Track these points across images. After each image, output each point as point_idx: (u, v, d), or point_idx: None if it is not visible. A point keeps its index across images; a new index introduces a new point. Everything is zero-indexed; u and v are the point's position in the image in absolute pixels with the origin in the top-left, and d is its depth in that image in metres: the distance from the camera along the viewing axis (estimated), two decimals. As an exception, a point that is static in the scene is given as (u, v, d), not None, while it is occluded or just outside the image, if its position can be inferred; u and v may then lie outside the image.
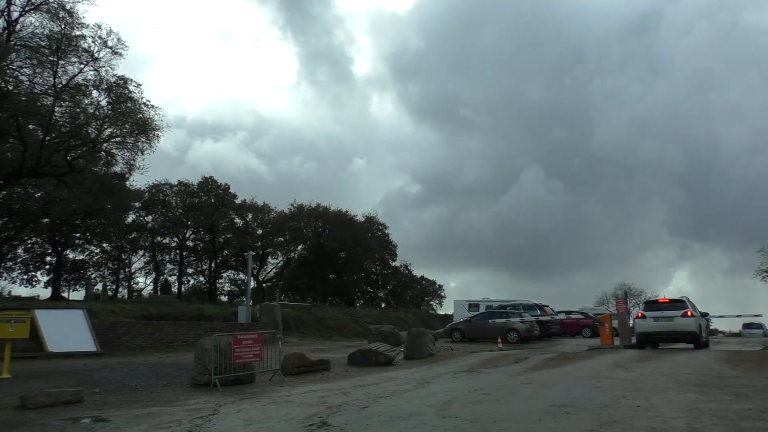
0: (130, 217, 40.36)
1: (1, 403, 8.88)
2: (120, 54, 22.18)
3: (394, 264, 54.63)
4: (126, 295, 40.53)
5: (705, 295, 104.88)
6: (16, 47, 20.76)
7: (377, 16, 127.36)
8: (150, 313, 22.03)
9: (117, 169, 27.42)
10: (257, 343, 11.66)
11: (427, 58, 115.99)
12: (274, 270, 49.67)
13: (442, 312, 50.83)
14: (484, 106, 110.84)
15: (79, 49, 21.56)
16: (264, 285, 46.80)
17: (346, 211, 48.74)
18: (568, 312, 30.90)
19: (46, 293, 34.42)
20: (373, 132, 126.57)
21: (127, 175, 28.34)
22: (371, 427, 6.68)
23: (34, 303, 22.62)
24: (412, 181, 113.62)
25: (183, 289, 44.51)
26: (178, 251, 43.91)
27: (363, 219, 50.43)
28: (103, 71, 22.14)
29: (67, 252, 36.86)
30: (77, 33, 21.68)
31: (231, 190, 44.69)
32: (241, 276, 46.21)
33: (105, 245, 38.98)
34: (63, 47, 20.91)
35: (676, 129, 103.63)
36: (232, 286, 48.29)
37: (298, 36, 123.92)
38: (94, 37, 21.74)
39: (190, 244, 44.09)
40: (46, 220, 32.14)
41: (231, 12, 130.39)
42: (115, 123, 22.07)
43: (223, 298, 46.17)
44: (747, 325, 36.65)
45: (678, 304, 18.35)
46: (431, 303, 58.43)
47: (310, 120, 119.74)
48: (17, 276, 35.12)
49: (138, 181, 33.50)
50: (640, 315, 18.57)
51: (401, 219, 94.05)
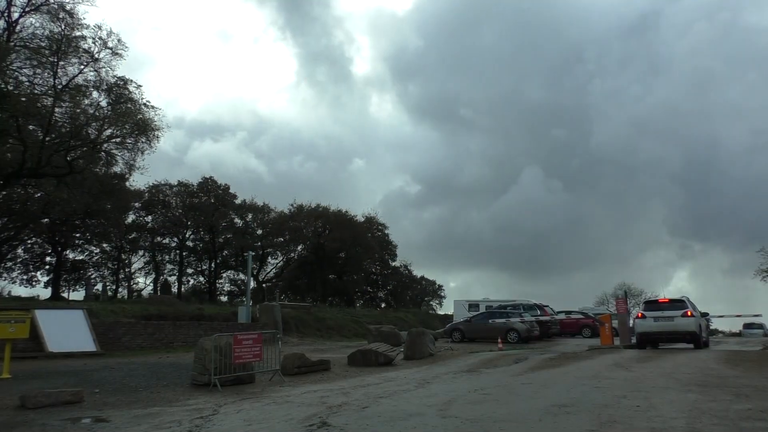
0: (130, 218, 40.40)
1: (1, 403, 8.88)
2: (120, 55, 22.24)
3: (394, 264, 54.70)
4: (126, 296, 40.55)
5: (705, 295, 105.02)
6: (17, 48, 20.77)
7: (376, 17, 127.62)
8: (150, 314, 22.04)
9: (117, 169, 27.41)
10: (257, 344, 11.67)
11: (426, 58, 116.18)
12: (274, 270, 49.71)
13: (442, 312, 50.89)
14: (484, 106, 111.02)
15: (79, 49, 21.57)
16: (264, 285, 46.80)
17: (346, 211, 48.85)
18: (568, 312, 30.89)
19: (46, 293, 34.49)
20: (372, 132, 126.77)
21: (127, 176, 28.32)
22: (371, 427, 6.68)
23: (34, 303, 22.63)
24: (411, 181, 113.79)
25: (183, 289, 44.52)
26: (177, 251, 43.92)
27: (363, 219, 50.48)
28: (103, 72, 22.19)
29: (67, 252, 36.86)
30: (77, 34, 21.72)
31: (231, 191, 44.77)
32: (241, 276, 46.23)
33: (105, 245, 38.98)
34: (63, 48, 20.91)
35: (675, 129, 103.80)
36: (232, 287, 48.34)
37: (298, 36, 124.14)
38: (94, 38, 21.78)
39: (190, 244, 44.11)
40: (46, 220, 32.15)
41: (230, 12, 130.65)
42: (115, 123, 22.08)
43: (223, 299, 46.20)
44: (747, 325, 36.70)
45: (678, 304, 18.36)
46: (431, 303, 58.50)
47: (310, 120, 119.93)
48: (17, 276, 35.16)
49: (138, 181, 33.57)
50: (640, 315, 18.57)
51: (401, 219, 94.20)
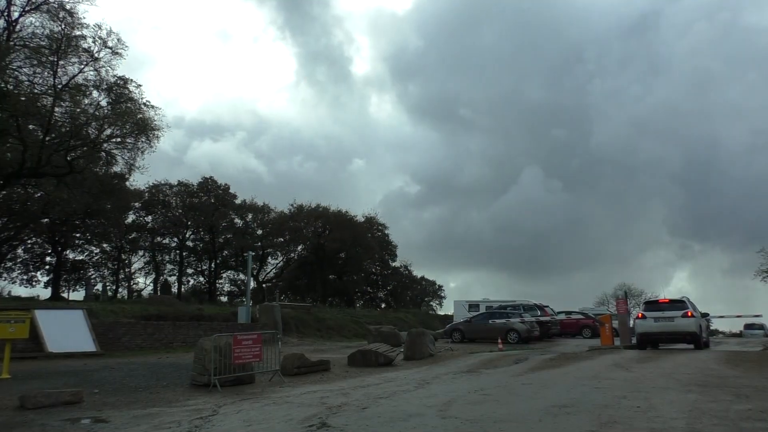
0: (130, 218, 40.41)
1: (0, 403, 8.87)
2: (120, 54, 22.22)
3: (394, 264, 54.72)
4: (126, 296, 40.55)
5: (705, 296, 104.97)
6: (16, 47, 20.75)
7: (376, 17, 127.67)
8: (150, 314, 22.02)
9: (117, 169, 27.42)
10: (257, 344, 11.65)
11: (426, 58, 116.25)
12: (274, 270, 49.73)
13: (442, 312, 50.93)
14: (484, 106, 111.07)
15: (79, 49, 21.54)
16: (264, 285, 46.80)
17: (346, 211, 48.86)
18: (569, 312, 30.87)
19: (46, 293, 34.51)
20: (372, 132, 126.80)
21: (127, 176, 28.32)
22: (371, 428, 6.66)
23: (33, 303, 22.62)
24: (411, 182, 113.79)
25: (183, 289, 44.51)
26: (177, 251, 43.92)
27: (363, 219, 50.48)
28: (103, 71, 22.18)
29: (67, 252, 36.87)
30: (77, 33, 21.69)
31: (231, 191, 44.77)
32: (241, 276, 46.24)
33: (105, 245, 38.98)
34: (63, 47, 20.89)
35: (675, 129, 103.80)
36: (232, 287, 48.35)
37: (297, 36, 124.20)
38: (94, 38, 21.76)
39: (189, 244, 44.12)
40: (46, 220, 32.15)
41: (230, 12, 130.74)
42: (115, 123, 22.07)
43: (223, 299, 46.19)
44: (748, 326, 36.68)
45: (678, 304, 18.32)
46: (431, 303, 58.52)
47: (310, 120, 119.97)
48: (17, 276, 35.19)
49: (138, 181, 33.58)
50: (641, 315, 18.54)
51: (401, 219, 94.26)
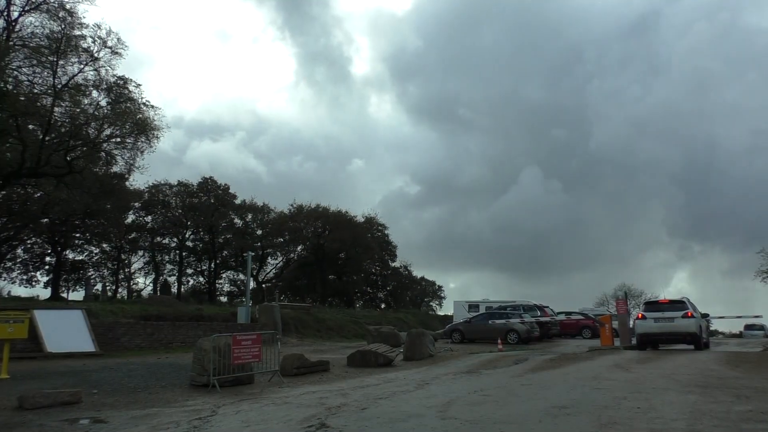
0: (130, 218, 40.39)
1: (-2, 403, 8.84)
2: (119, 54, 22.18)
3: (393, 265, 54.70)
4: (126, 296, 40.54)
5: (704, 297, 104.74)
6: (16, 47, 20.72)
7: (376, 17, 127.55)
8: (149, 314, 21.99)
9: (117, 169, 27.39)
10: (256, 344, 11.63)
11: (426, 58, 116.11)
12: (274, 270, 49.73)
13: (441, 313, 50.86)
14: (483, 106, 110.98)
15: (79, 48, 21.50)
16: (264, 285, 46.79)
17: (346, 211, 48.85)
18: (568, 313, 30.85)
19: (45, 293, 34.49)
20: (372, 132, 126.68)
21: (126, 176, 28.30)
22: (370, 428, 6.64)
23: (33, 303, 22.62)
24: (411, 182, 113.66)
25: (182, 289, 44.50)
26: (177, 251, 43.91)
27: (363, 219, 50.48)
28: (103, 71, 22.13)
29: (67, 252, 36.84)
30: (77, 33, 21.63)
31: (230, 191, 44.76)
32: (241, 276, 46.20)
33: (104, 245, 38.96)
34: (63, 47, 20.84)
35: (675, 129, 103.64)
36: (232, 287, 48.33)
37: (297, 36, 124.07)
38: (93, 37, 21.71)
39: (189, 244, 44.11)
40: (46, 220, 32.12)
41: (229, 12, 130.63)
42: (114, 123, 22.04)
43: (223, 299, 46.18)
44: (749, 327, 36.68)
45: (678, 305, 18.31)
46: (431, 304, 58.50)
47: (309, 120, 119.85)
48: (17, 276, 35.17)
49: (137, 181, 33.51)
50: (641, 316, 18.52)
51: (401, 219, 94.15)
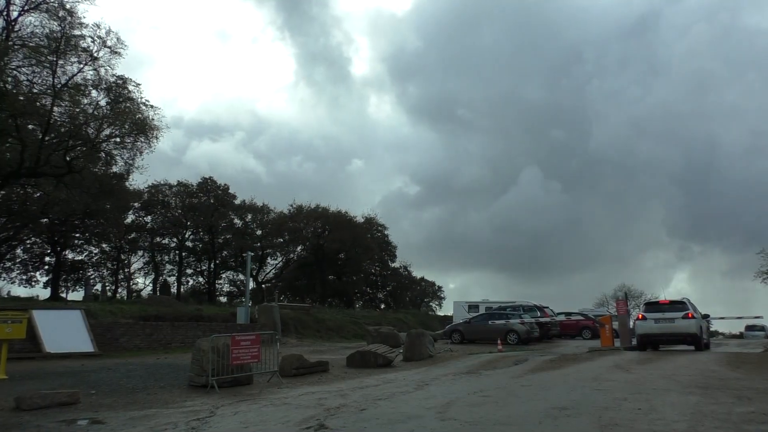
0: (130, 218, 40.31)
1: (-5, 404, 8.80)
2: (119, 54, 22.09)
3: (393, 265, 54.66)
4: (125, 296, 40.50)
5: (704, 297, 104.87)
6: (15, 46, 20.67)
7: (375, 17, 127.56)
8: (148, 314, 21.95)
9: (116, 169, 27.31)
10: (255, 345, 11.59)
11: (425, 58, 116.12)
12: (274, 271, 49.68)
13: (441, 313, 50.82)
14: (483, 106, 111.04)
15: (79, 48, 21.42)
16: (263, 286, 46.75)
17: (346, 212, 48.83)
18: (568, 313, 30.81)
19: (45, 294, 34.45)
20: (371, 133, 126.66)
21: (126, 176, 28.23)
22: (369, 430, 6.60)
23: (32, 303, 22.59)
24: (411, 182, 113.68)
25: (182, 289, 44.45)
26: (177, 252, 43.86)
27: (362, 220, 50.45)
28: (102, 71, 22.03)
29: (66, 252, 36.78)
30: (77, 32, 21.54)
31: (230, 191, 44.71)
32: (240, 277, 46.15)
33: (104, 246, 38.89)
34: (62, 47, 20.79)
35: (674, 130, 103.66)
36: (232, 287, 48.28)
37: (296, 36, 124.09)
38: (93, 37, 21.60)
39: (189, 244, 44.04)
40: (45, 220, 32.06)
41: (229, 12, 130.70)
42: (114, 123, 21.96)
43: (222, 299, 46.14)
44: (749, 327, 36.65)
45: (679, 305, 18.25)
46: (430, 304, 58.45)
47: (308, 120, 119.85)
48: (16, 276, 35.06)
49: (137, 181, 33.43)
50: (641, 316, 18.46)
51: (400, 220, 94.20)
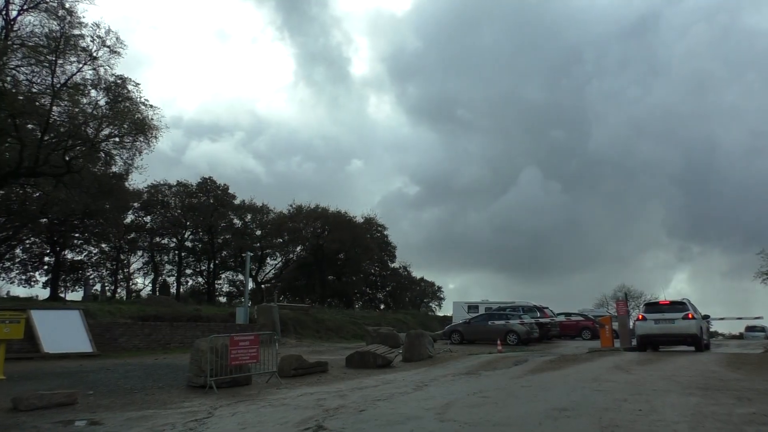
0: (129, 218, 40.26)
1: (-7, 404, 8.76)
2: (118, 53, 22.04)
3: (393, 265, 54.65)
4: (125, 296, 40.45)
5: (704, 298, 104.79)
6: (14, 46, 20.63)
7: (375, 17, 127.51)
8: (147, 314, 21.91)
9: (115, 169, 27.27)
10: (254, 345, 11.54)
11: (425, 58, 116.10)
12: (273, 271, 49.65)
13: (441, 314, 50.85)
14: (483, 106, 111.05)
15: (78, 48, 21.37)
16: (263, 286, 46.70)
17: (345, 212, 48.81)
18: (568, 314, 30.79)
19: (44, 293, 34.39)
20: (371, 133, 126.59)
21: (125, 176, 28.20)
22: (367, 431, 6.57)
23: (31, 303, 22.55)
24: (410, 182, 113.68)
25: (182, 289, 44.41)
26: (176, 252, 43.81)
27: (362, 220, 50.43)
28: (102, 70, 21.98)
29: (66, 252, 36.73)
30: (76, 32, 21.50)
31: (230, 191, 44.66)
32: (240, 277, 46.11)
33: (103, 246, 38.82)
34: (61, 46, 20.74)
35: (674, 130, 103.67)
36: (231, 287, 48.22)
37: (296, 36, 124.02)
38: (92, 37, 21.55)
39: (188, 244, 44.00)
40: (45, 220, 32.00)
41: (228, 12, 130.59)
42: (113, 122, 21.92)
43: (222, 299, 46.09)
44: (750, 328, 36.60)
45: (679, 306, 18.22)
46: (430, 304, 58.44)
47: (308, 120, 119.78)
48: (15, 276, 35.00)
49: (136, 181, 33.19)
50: (641, 317, 18.43)
51: (400, 220, 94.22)
